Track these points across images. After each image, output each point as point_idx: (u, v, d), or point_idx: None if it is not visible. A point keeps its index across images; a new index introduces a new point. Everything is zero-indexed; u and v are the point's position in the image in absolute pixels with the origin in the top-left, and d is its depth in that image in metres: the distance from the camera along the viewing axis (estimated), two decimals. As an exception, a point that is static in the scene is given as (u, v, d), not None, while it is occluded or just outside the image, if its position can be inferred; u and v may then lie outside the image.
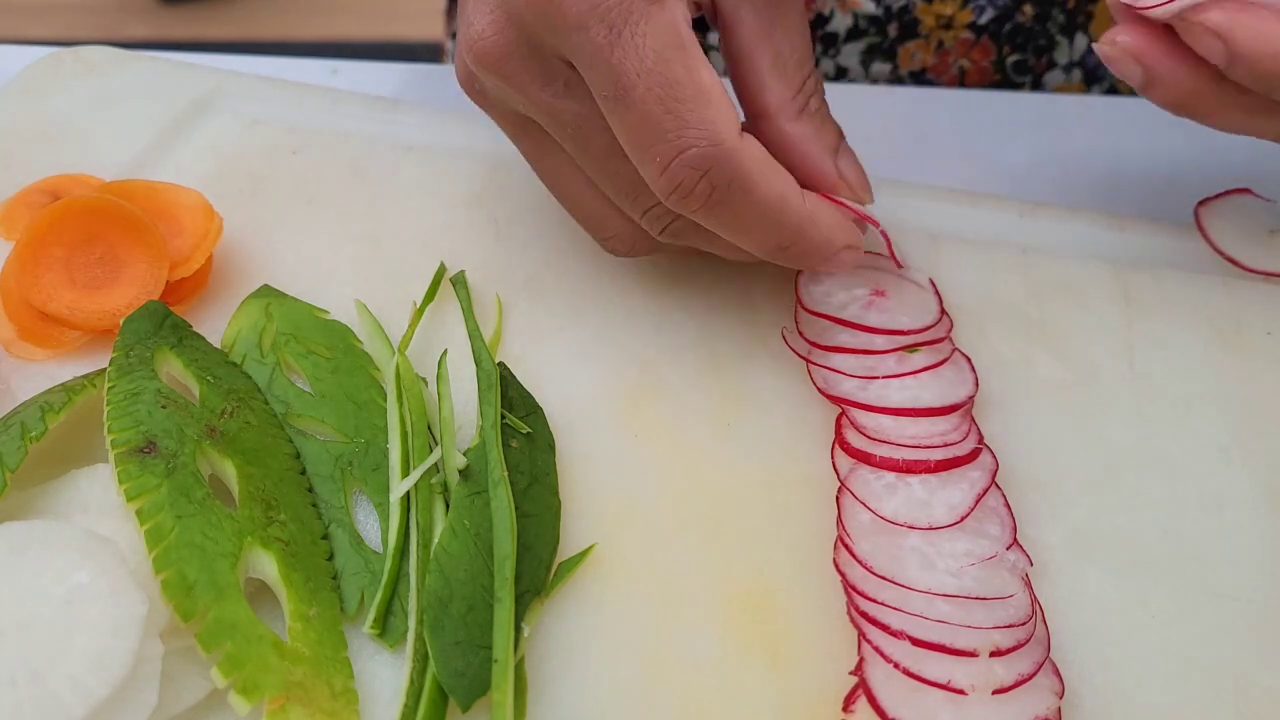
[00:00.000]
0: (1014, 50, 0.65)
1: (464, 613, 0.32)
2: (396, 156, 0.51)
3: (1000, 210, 0.49)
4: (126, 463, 0.33)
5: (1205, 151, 0.55)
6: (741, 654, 0.33)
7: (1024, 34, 0.65)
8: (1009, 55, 0.66)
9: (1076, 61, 0.65)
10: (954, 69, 0.67)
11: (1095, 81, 0.66)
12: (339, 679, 0.31)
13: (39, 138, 0.51)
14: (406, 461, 0.36)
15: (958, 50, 0.65)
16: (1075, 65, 0.66)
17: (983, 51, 0.65)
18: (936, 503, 0.36)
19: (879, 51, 0.65)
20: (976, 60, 0.66)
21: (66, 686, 0.28)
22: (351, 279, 0.45)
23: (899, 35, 0.64)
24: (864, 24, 0.64)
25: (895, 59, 0.65)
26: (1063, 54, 0.65)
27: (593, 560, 0.35)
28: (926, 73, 0.66)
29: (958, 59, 0.66)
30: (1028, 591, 0.34)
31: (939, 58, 0.66)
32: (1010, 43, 0.65)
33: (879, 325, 0.41)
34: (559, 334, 0.43)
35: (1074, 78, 0.66)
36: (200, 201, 0.44)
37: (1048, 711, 0.31)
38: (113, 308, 0.41)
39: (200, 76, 0.55)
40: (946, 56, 0.66)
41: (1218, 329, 0.44)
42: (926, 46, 0.66)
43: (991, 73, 0.66)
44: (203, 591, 0.30)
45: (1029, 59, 0.65)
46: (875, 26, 0.64)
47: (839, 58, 0.65)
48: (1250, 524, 0.37)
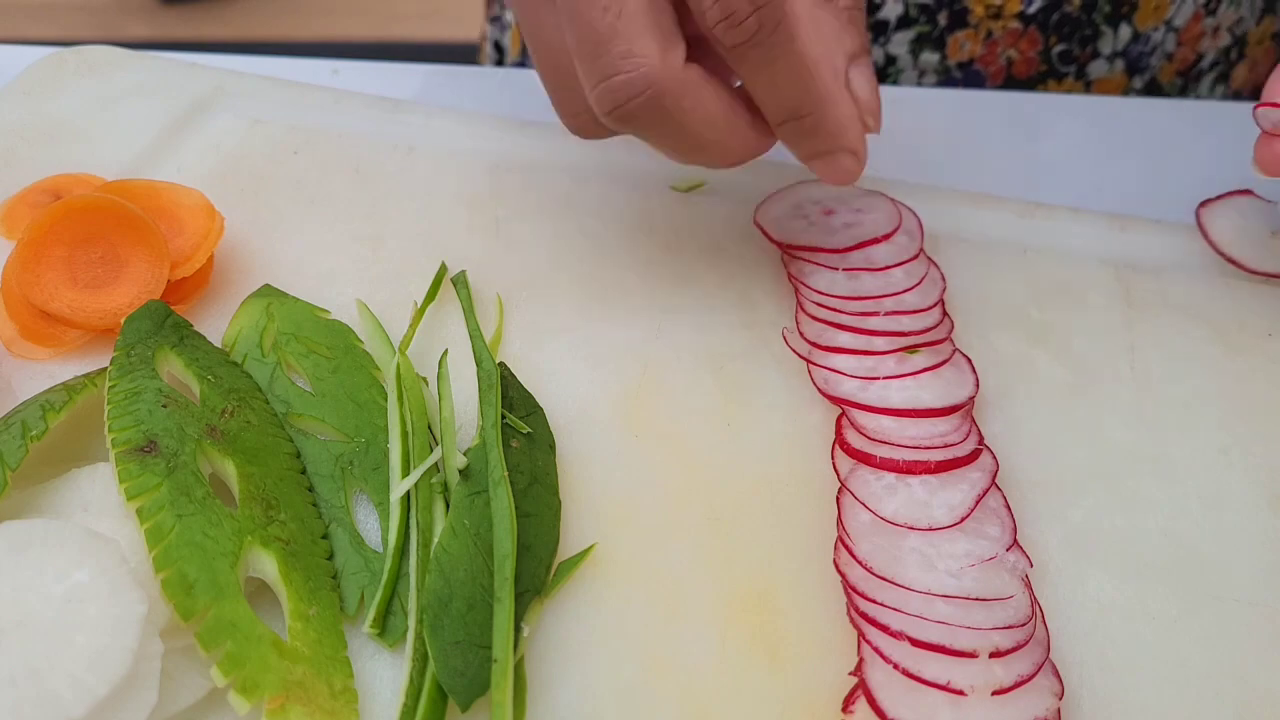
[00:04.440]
0: (1060, 40, 0.66)
1: (464, 612, 0.32)
2: (398, 156, 0.51)
3: (1000, 210, 0.49)
4: (127, 462, 0.33)
5: (1206, 152, 0.55)
6: (741, 654, 0.33)
7: (1071, 24, 0.65)
8: (1055, 45, 0.66)
9: (1120, 51, 0.66)
10: (1001, 59, 0.67)
11: (1137, 72, 0.67)
12: (339, 678, 0.31)
13: (40, 137, 0.51)
14: (407, 461, 0.36)
15: (1006, 40, 0.66)
16: (1119, 55, 0.66)
17: (1030, 42, 0.66)
18: (936, 503, 0.36)
19: (928, 41, 0.65)
20: (1024, 51, 0.66)
21: (66, 685, 0.28)
22: (352, 279, 0.45)
23: (949, 25, 0.64)
24: (914, 12, 0.64)
25: (944, 49, 0.65)
26: (1106, 44, 0.65)
27: (592, 560, 0.35)
28: (975, 63, 0.66)
29: (1005, 49, 0.66)
30: (1027, 592, 0.34)
31: (987, 48, 0.66)
32: (1057, 33, 0.65)
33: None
34: (559, 334, 0.43)
35: (1116, 68, 0.67)
36: (201, 201, 0.44)
37: (1047, 712, 0.31)
38: (114, 307, 0.41)
39: (202, 76, 0.55)
40: (995, 46, 0.66)
41: (1218, 329, 0.44)
42: (975, 36, 0.66)
43: (1038, 63, 0.67)
44: (203, 590, 0.30)
45: (1074, 49, 0.66)
46: (925, 15, 0.64)
47: (889, 45, 0.66)
48: (1250, 524, 0.37)
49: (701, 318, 0.44)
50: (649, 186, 0.50)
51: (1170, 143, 0.54)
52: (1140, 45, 0.65)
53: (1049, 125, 0.57)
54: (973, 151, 0.55)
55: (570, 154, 0.51)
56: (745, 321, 0.44)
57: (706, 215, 0.48)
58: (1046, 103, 0.59)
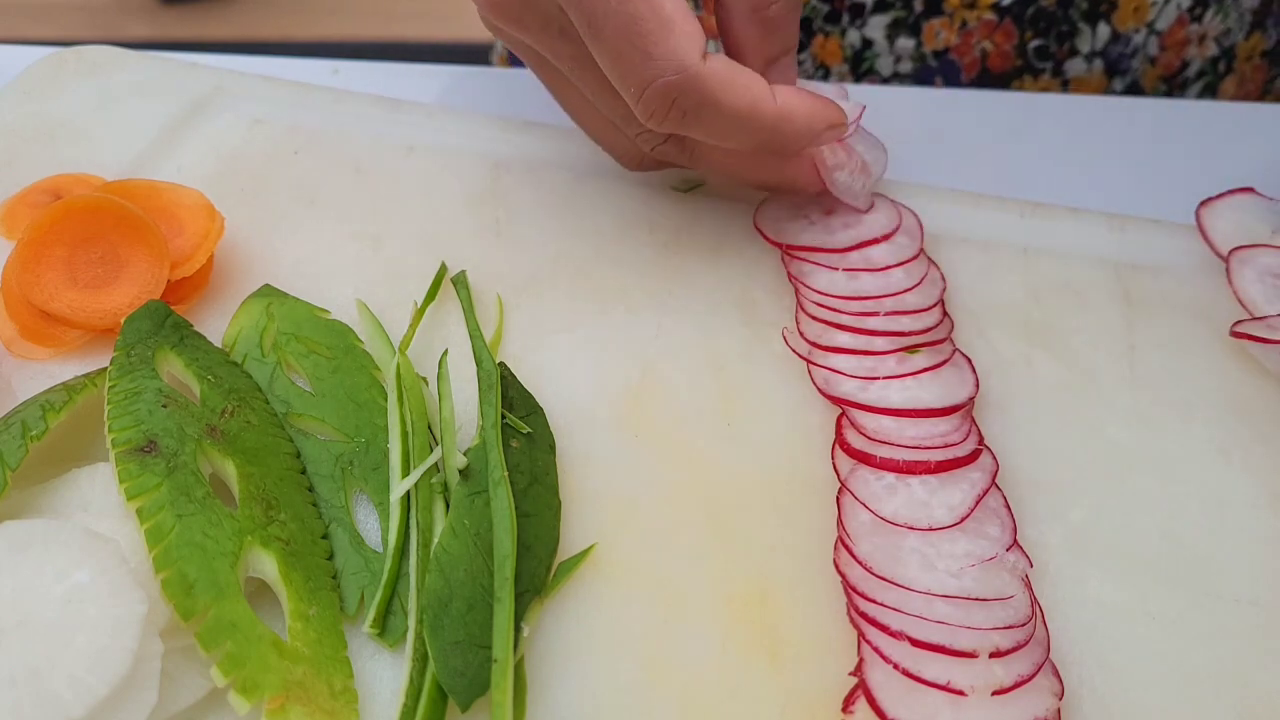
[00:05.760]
0: (1036, 35, 0.66)
1: (464, 612, 0.32)
2: (398, 156, 0.51)
3: (1000, 210, 0.49)
4: (127, 462, 0.33)
5: (1206, 151, 0.55)
6: (741, 654, 0.33)
7: (1046, 19, 0.65)
8: (1030, 40, 0.66)
9: (1098, 51, 0.66)
10: (976, 50, 0.67)
11: (1118, 74, 0.67)
12: (339, 678, 0.31)
13: (41, 137, 0.51)
14: (407, 461, 0.36)
15: (980, 31, 0.66)
16: (1097, 55, 0.66)
17: (1005, 34, 0.66)
18: (936, 503, 0.36)
19: (904, 26, 0.66)
20: (999, 43, 0.67)
21: (66, 685, 0.28)
22: (352, 279, 0.45)
23: (924, 11, 0.65)
24: None
25: (919, 35, 0.66)
26: (1084, 42, 0.65)
27: (592, 560, 0.35)
28: (950, 52, 0.66)
29: (980, 40, 0.67)
30: (1027, 592, 0.34)
31: (962, 38, 0.67)
32: (1033, 27, 0.66)
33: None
34: (559, 334, 0.43)
35: (1095, 67, 0.66)
36: (201, 201, 0.44)
37: (1047, 713, 0.31)
38: (114, 307, 0.41)
39: (202, 76, 0.55)
40: (969, 37, 0.67)
41: (1218, 329, 0.44)
42: (950, 25, 0.66)
43: (1013, 56, 0.67)
44: (203, 590, 0.30)
45: (1050, 45, 0.66)
46: (901, 0, 0.64)
47: (865, 29, 0.66)
48: (1250, 524, 0.37)
49: (701, 318, 0.44)
50: (649, 186, 0.50)
51: (1170, 142, 0.54)
52: (1120, 46, 0.65)
53: (1048, 125, 0.57)
54: (973, 151, 0.55)
55: (570, 154, 0.51)
56: (745, 321, 0.44)
57: (706, 215, 0.48)
58: (1046, 103, 0.59)
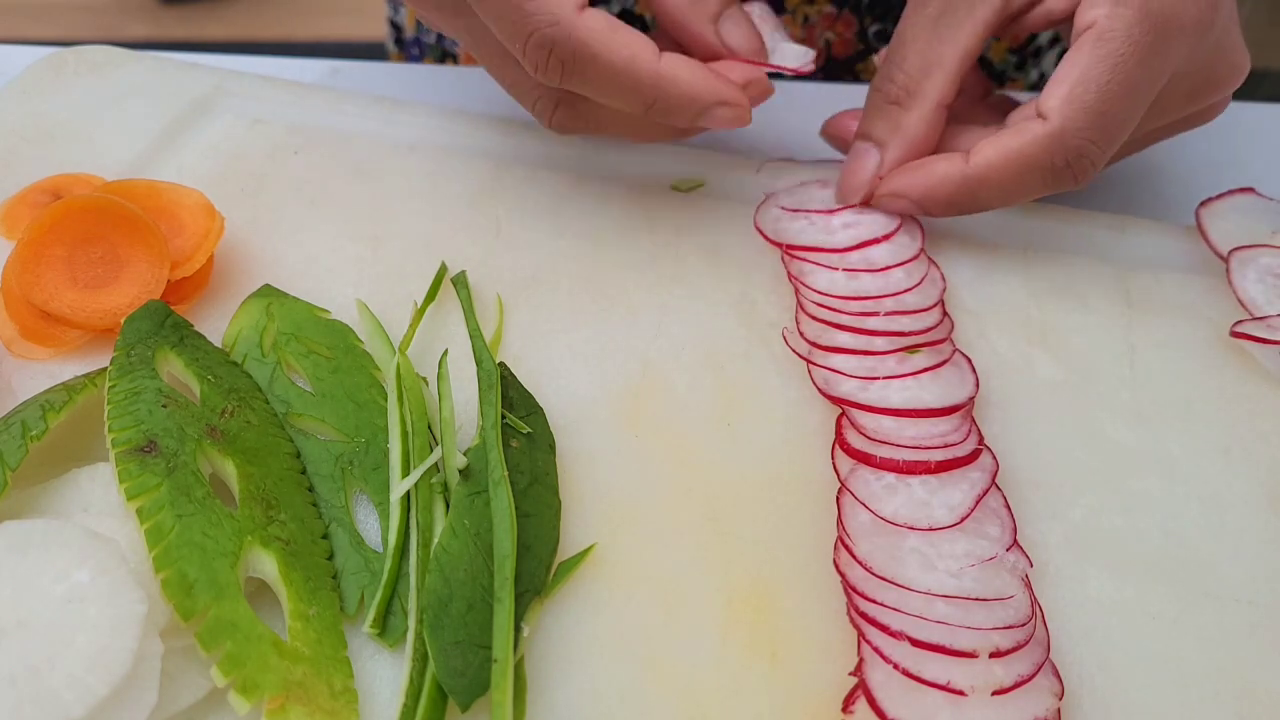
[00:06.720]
0: (875, 20, 0.68)
1: (464, 612, 0.32)
2: (397, 156, 0.51)
3: (1000, 210, 0.49)
4: (127, 462, 0.33)
5: (1206, 152, 0.55)
6: (741, 654, 0.33)
7: (883, 4, 0.67)
8: (870, 25, 0.68)
9: None
10: (820, 42, 0.69)
11: None
12: (339, 678, 0.31)
13: (41, 137, 0.51)
14: (407, 461, 0.36)
15: (822, 24, 0.68)
16: None
17: (845, 24, 0.68)
18: (936, 503, 0.36)
19: None
20: (841, 33, 0.69)
21: (66, 685, 0.28)
22: (353, 279, 0.45)
23: None
24: None
25: None
26: None
27: (592, 560, 0.35)
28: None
29: (823, 32, 0.68)
30: (1027, 592, 0.34)
31: (807, 32, 0.69)
32: (871, 14, 0.68)
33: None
34: (559, 334, 0.43)
35: None
36: (202, 201, 0.44)
37: (1047, 713, 0.31)
38: (114, 307, 0.41)
39: (202, 76, 0.55)
40: (813, 31, 0.69)
41: (1218, 329, 0.44)
42: (794, 21, 0.68)
43: (855, 43, 0.69)
44: (203, 590, 0.30)
45: (889, 28, 0.67)
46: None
47: None
48: (1250, 524, 0.37)
49: (701, 318, 0.44)
50: (649, 186, 0.50)
51: (1170, 143, 0.54)
52: None
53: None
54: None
55: (570, 154, 0.51)
56: (745, 321, 0.44)
57: (706, 215, 0.48)
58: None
